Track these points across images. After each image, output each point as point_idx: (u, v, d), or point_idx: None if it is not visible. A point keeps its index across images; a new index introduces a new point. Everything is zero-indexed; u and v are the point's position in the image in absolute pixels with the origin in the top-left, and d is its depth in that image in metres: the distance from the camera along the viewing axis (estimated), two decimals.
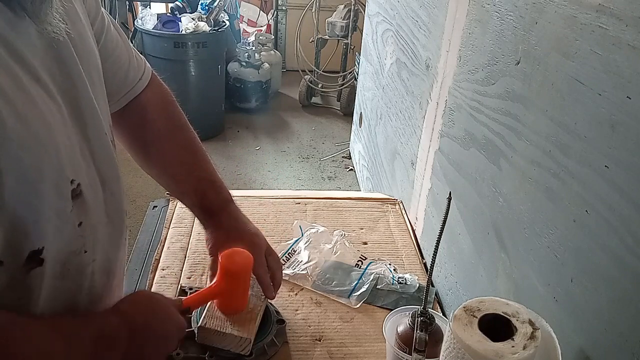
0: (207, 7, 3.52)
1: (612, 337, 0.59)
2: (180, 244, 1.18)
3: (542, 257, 0.74)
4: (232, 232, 0.90)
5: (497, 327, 0.62)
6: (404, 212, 1.37)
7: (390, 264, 1.14)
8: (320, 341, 0.96)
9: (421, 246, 1.26)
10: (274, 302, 0.98)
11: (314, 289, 1.08)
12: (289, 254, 1.16)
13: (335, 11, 4.08)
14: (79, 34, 0.63)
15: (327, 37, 4.10)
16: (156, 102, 0.89)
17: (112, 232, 0.67)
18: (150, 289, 1.04)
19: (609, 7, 0.60)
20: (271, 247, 0.93)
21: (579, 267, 0.66)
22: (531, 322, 0.62)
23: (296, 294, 1.07)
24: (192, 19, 3.42)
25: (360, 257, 1.16)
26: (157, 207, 1.31)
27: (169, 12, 3.64)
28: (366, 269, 1.12)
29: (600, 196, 0.61)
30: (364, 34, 2.38)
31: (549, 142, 0.72)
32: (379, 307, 1.05)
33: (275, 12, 4.74)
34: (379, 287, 1.08)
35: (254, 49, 3.93)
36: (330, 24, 4.03)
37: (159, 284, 1.06)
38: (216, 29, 3.49)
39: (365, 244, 1.23)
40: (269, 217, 1.30)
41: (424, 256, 1.22)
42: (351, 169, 3.30)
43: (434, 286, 1.14)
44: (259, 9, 4.72)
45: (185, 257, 1.14)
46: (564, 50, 0.69)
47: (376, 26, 2.06)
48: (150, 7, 3.69)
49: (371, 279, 1.08)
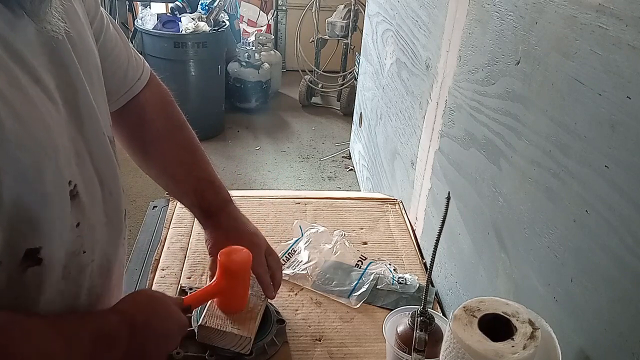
0: (207, 7, 3.52)
1: (612, 337, 0.59)
2: (180, 244, 1.18)
3: (542, 257, 0.74)
4: (231, 232, 0.90)
5: (497, 327, 0.62)
6: (404, 212, 1.37)
7: (390, 264, 1.14)
8: (320, 341, 0.96)
9: (421, 246, 1.26)
10: (274, 302, 0.98)
11: (314, 289, 1.08)
12: (289, 254, 1.16)
13: (335, 11, 4.08)
14: (78, 33, 0.63)
15: (327, 37, 4.10)
16: (155, 102, 0.89)
17: (111, 232, 0.67)
18: (150, 289, 1.04)
19: (609, 7, 0.60)
20: (271, 247, 0.93)
21: (579, 267, 0.66)
22: (531, 322, 0.62)
23: (296, 294, 1.07)
24: (192, 19, 3.42)
25: (360, 257, 1.16)
26: (157, 207, 1.31)
27: (169, 12, 3.64)
28: (366, 269, 1.12)
29: (600, 196, 0.61)
30: (364, 34, 2.38)
31: (549, 142, 0.72)
32: (379, 307, 1.05)
33: (275, 12, 4.74)
34: (379, 287, 1.08)
35: (254, 49, 3.93)
36: (330, 24, 4.03)
37: (158, 284, 1.06)
38: (216, 29, 3.49)
39: (365, 244, 1.23)
40: (269, 217, 1.30)
41: (424, 256, 1.22)
42: (351, 169, 3.30)
43: (434, 286, 1.14)
44: (259, 9, 4.72)
45: (185, 257, 1.14)
46: (564, 50, 0.69)
47: (376, 26, 2.06)
48: (150, 7, 3.70)
49: (371, 279, 1.08)
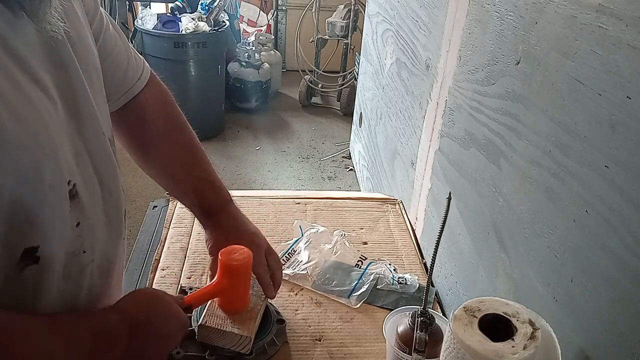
0: (207, 7, 3.52)
1: (612, 337, 0.59)
2: (180, 244, 1.18)
3: (542, 257, 0.74)
4: (231, 232, 0.90)
5: (497, 327, 0.62)
6: (404, 212, 1.37)
7: (390, 264, 1.14)
8: (320, 341, 0.96)
9: (421, 246, 1.26)
10: (274, 302, 0.98)
11: (314, 289, 1.08)
12: (289, 254, 1.16)
13: (335, 11, 4.08)
14: (78, 33, 0.63)
15: (327, 37, 4.10)
16: (155, 102, 0.89)
17: (110, 232, 0.67)
18: (151, 287, 1.04)
19: (609, 7, 0.60)
20: (271, 247, 0.93)
21: (579, 267, 0.66)
22: (531, 322, 0.62)
23: (296, 294, 1.07)
24: (192, 19, 3.42)
25: (360, 257, 1.16)
26: (157, 207, 1.31)
27: (169, 12, 3.64)
28: (366, 269, 1.12)
29: (600, 196, 0.61)
30: (364, 34, 2.38)
31: (549, 142, 0.72)
32: (379, 307, 1.05)
33: (275, 12, 4.74)
34: (379, 287, 1.08)
35: (254, 49, 3.93)
36: (330, 24, 4.03)
37: (158, 284, 1.06)
38: (216, 29, 3.49)
39: (365, 244, 1.23)
40: (269, 217, 1.30)
41: (424, 256, 1.22)
42: (351, 169, 3.30)
43: (434, 286, 1.14)
44: (259, 9, 4.72)
45: (185, 257, 1.14)
46: (564, 50, 0.69)
47: (376, 26, 2.06)
48: (150, 7, 3.70)
49: (371, 279, 1.08)
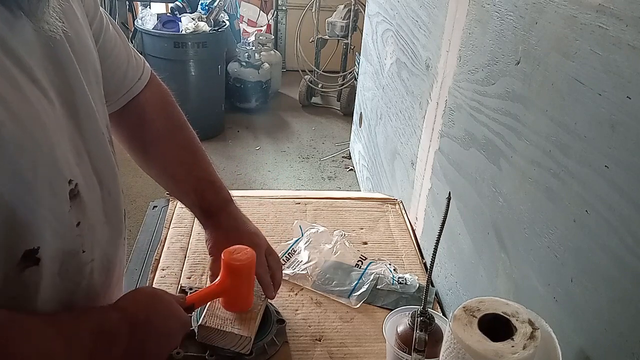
0: (207, 7, 3.53)
1: (612, 337, 0.59)
2: (180, 244, 1.18)
3: (542, 257, 0.74)
4: (231, 232, 0.90)
5: (497, 327, 0.62)
6: (404, 212, 1.37)
7: (390, 264, 1.14)
8: (320, 341, 0.96)
9: (421, 246, 1.26)
10: (274, 302, 0.98)
11: (314, 289, 1.08)
12: (289, 254, 1.16)
13: (335, 11, 4.08)
14: (76, 33, 0.63)
15: (327, 37, 4.10)
16: (155, 102, 0.89)
17: (110, 232, 0.67)
18: (151, 286, 1.04)
19: (609, 7, 0.60)
20: (271, 247, 0.93)
21: (579, 267, 0.66)
22: (531, 322, 0.62)
23: (296, 294, 1.07)
24: (192, 19, 3.42)
25: (360, 257, 1.16)
26: (157, 207, 1.31)
27: (169, 12, 3.64)
28: (366, 269, 1.12)
29: (600, 196, 0.61)
30: (364, 34, 2.38)
31: (549, 142, 0.72)
32: (379, 307, 1.05)
33: (275, 12, 4.74)
34: (379, 287, 1.08)
35: (254, 49, 3.93)
36: (330, 24, 4.03)
37: (159, 284, 1.06)
38: (216, 29, 3.49)
39: (365, 244, 1.23)
40: (269, 217, 1.30)
41: (424, 256, 1.22)
42: (351, 169, 3.30)
43: (433, 286, 1.14)
44: (259, 9, 4.72)
45: (185, 257, 1.14)
46: (564, 50, 0.69)
47: (376, 26, 2.06)
48: (150, 7, 3.70)
49: (371, 279, 1.08)
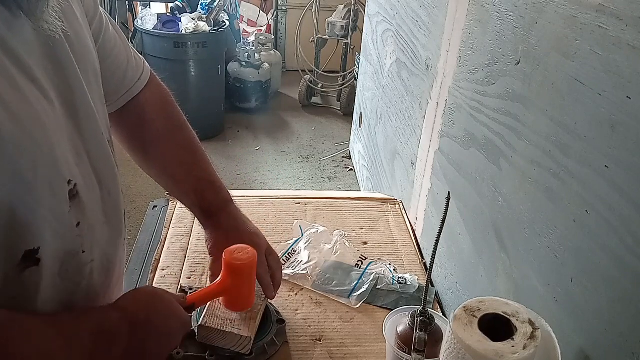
0: (207, 7, 3.52)
1: (612, 337, 0.59)
2: (180, 244, 1.18)
3: (542, 257, 0.74)
4: (231, 232, 0.90)
5: (497, 327, 0.62)
6: (404, 212, 1.37)
7: (390, 264, 1.14)
8: (320, 341, 0.96)
9: (421, 246, 1.26)
10: (274, 302, 0.98)
11: (314, 289, 1.08)
12: (289, 254, 1.16)
13: (335, 11, 4.08)
14: (76, 32, 0.63)
15: (327, 37, 4.10)
16: (155, 102, 0.89)
17: (110, 232, 0.67)
18: (152, 286, 1.04)
19: (609, 7, 0.60)
20: (271, 247, 0.93)
21: (579, 267, 0.66)
22: (531, 322, 0.62)
23: (296, 294, 1.07)
24: (192, 19, 3.42)
25: (360, 257, 1.16)
26: (157, 207, 1.31)
27: (169, 12, 3.64)
28: (366, 269, 1.12)
29: (600, 196, 0.61)
30: (364, 34, 2.38)
31: (549, 142, 0.72)
32: (379, 307, 1.05)
33: (275, 12, 4.74)
34: (379, 287, 1.08)
35: (254, 49, 3.93)
36: (330, 24, 4.03)
37: (158, 284, 1.06)
38: (216, 29, 3.49)
39: (365, 244, 1.23)
40: (269, 217, 1.30)
41: (424, 256, 1.22)
42: (351, 169, 3.30)
43: (433, 286, 1.14)
44: (259, 9, 4.72)
45: (185, 257, 1.14)
46: (564, 50, 0.69)
47: (376, 26, 2.06)
48: (150, 7, 3.70)
49: (371, 279, 1.08)
